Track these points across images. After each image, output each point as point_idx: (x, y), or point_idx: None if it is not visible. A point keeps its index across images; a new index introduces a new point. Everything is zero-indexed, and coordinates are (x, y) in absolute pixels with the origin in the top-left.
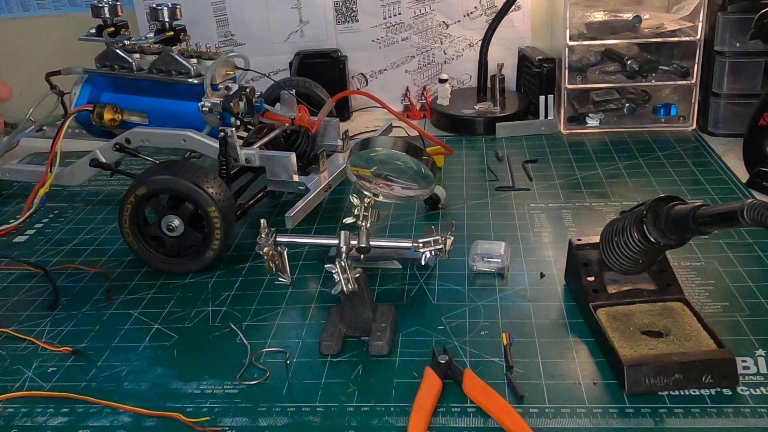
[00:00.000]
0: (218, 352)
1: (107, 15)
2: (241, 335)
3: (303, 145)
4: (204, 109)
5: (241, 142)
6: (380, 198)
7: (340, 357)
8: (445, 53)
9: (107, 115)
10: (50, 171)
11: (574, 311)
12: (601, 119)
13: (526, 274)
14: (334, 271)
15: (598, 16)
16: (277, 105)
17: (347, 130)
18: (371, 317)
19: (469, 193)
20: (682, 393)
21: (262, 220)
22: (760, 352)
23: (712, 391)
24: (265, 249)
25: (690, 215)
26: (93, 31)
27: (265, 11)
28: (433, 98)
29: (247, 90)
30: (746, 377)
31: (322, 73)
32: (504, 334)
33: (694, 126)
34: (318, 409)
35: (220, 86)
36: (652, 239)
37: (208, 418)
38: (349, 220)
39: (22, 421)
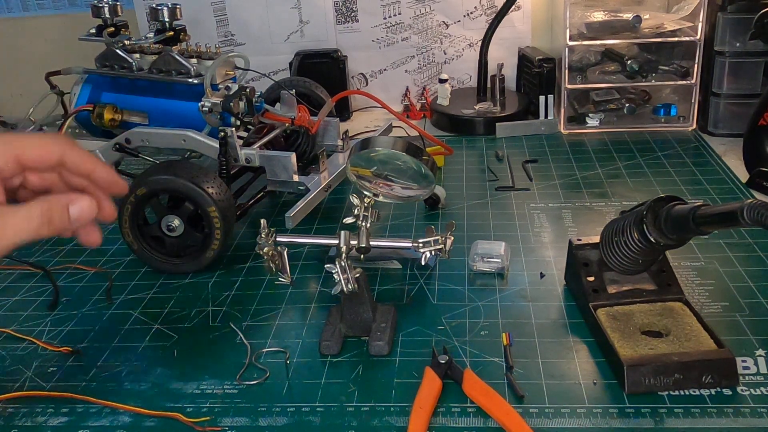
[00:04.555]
0: (218, 352)
1: (107, 15)
2: (241, 335)
3: (303, 145)
4: (204, 109)
5: (241, 142)
6: (380, 198)
7: (340, 357)
8: (445, 53)
9: (107, 115)
10: None
11: (574, 311)
12: (601, 119)
13: (526, 274)
14: (334, 271)
15: (598, 16)
16: (277, 105)
17: (347, 130)
18: (371, 317)
19: (469, 193)
20: (682, 393)
21: (262, 220)
22: (760, 352)
23: (712, 391)
24: (265, 249)
25: (690, 215)
26: (93, 31)
27: (265, 11)
28: (433, 98)
29: (247, 90)
30: (746, 377)
31: (322, 73)
32: (504, 334)
33: (694, 126)
34: (318, 409)
35: (220, 86)
36: (652, 239)
37: (208, 418)
38: (349, 220)
39: (22, 421)
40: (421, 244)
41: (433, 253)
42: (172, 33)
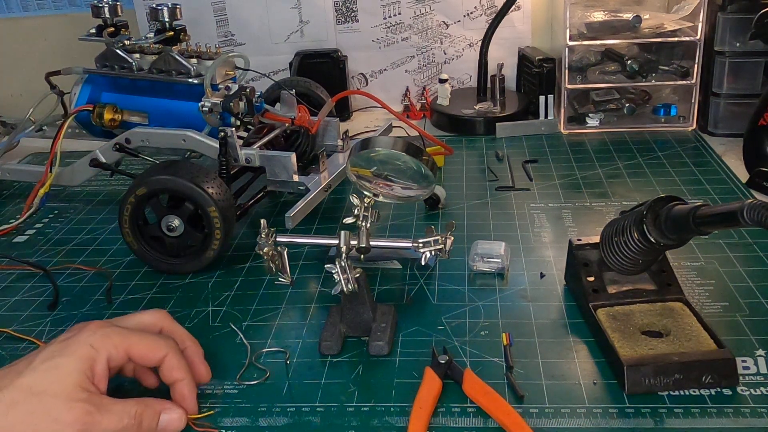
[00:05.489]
0: (218, 352)
1: (107, 15)
2: (241, 335)
3: (303, 145)
4: (204, 109)
5: (241, 142)
6: (380, 198)
7: (340, 357)
8: (445, 53)
9: (107, 115)
10: (50, 171)
11: (574, 311)
12: (601, 119)
13: (526, 274)
14: (334, 271)
15: (598, 16)
16: (277, 105)
17: (347, 130)
18: (371, 317)
19: (469, 193)
20: (682, 393)
21: (262, 220)
22: (760, 352)
23: (712, 391)
24: (265, 249)
25: (690, 215)
26: (93, 31)
27: (265, 11)
28: (433, 98)
29: (247, 90)
30: (746, 377)
31: (322, 73)
32: (504, 334)
33: (694, 126)
34: (318, 409)
35: (220, 86)
36: (652, 239)
37: (210, 413)
38: (349, 220)
39: None
40: (421, 244)
41: (433, 253)
42: (172, 33)
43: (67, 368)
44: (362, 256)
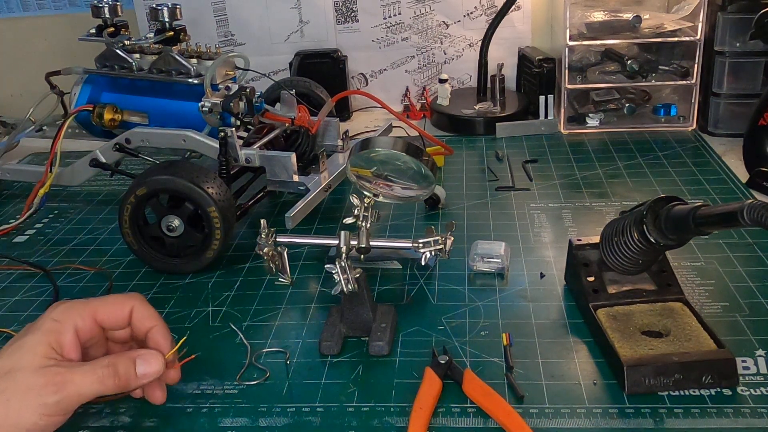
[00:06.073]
0: (218, 352)
1: (107, 15)
2: (241, 335)
3: (303, 145)
4: (204, 109)
5: (241, 142)
6: (380, 198)
7: (340, 357)
8: (445, 53)
9: (107, 115)
10: (50, 171)
11: (574, 311)
12: (601, 119)
13: (526, 274)
14: (334, 272)
15: (598, 16)
16: (277, 105)
17: (347, 130)
18: (371, 317)
19: (469, 193)
20: (682, 393)
21: (262, 221)
22: (760, 352)
23: (712, 391)
24: (265, 249)
25: (690, 215)
26: (93, 31)
27: (265, 11)
28: (433, 98)
29: (247, 90)
30: (746, 377)
31: (322, 73)
32: (504, 335)
33: (694, 126)
34: (318, 409)
35: (220, 86)
36: (652, 239)
37: (184, 338)
38: (349, 220)
39: None
40: (421, 244)
41: (433, 253)
42: (172, 33)
43: (31, 343)
44: (362, 256)
